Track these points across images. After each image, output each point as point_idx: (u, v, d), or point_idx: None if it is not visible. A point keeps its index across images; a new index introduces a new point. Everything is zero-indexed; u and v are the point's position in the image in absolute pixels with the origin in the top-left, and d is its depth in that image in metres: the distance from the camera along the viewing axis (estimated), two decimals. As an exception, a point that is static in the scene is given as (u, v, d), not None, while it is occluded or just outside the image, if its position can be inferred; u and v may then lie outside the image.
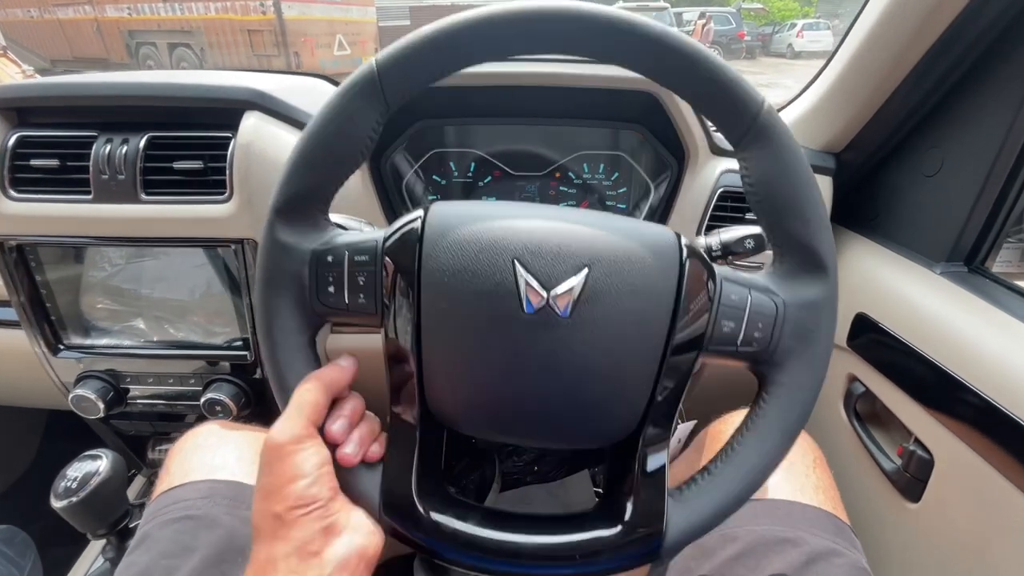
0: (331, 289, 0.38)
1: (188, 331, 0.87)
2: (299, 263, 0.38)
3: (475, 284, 0.35)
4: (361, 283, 0.38)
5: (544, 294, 0.35)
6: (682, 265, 0.36)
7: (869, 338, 0.71)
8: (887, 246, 0.74)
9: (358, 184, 0.80)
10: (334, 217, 0.53)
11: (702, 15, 13.16)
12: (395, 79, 0.37)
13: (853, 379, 0.75)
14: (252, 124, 0.77)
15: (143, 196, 0.76)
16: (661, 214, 0.82)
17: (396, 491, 0.38)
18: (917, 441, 0.63)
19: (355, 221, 0.55)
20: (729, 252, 0.54)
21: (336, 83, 1.06)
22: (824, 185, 0.79)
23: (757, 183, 0.37)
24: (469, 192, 0.89)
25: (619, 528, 0.37)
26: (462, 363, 0.37)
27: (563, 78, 0.75)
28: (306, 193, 0.38)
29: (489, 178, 0.88)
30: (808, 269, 0.38)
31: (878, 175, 0.79)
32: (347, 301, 0.38)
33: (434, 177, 0.89)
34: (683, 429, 0.75)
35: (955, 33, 0.60)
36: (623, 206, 0.88)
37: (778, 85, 11.17)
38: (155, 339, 0.87)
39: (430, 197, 0.89)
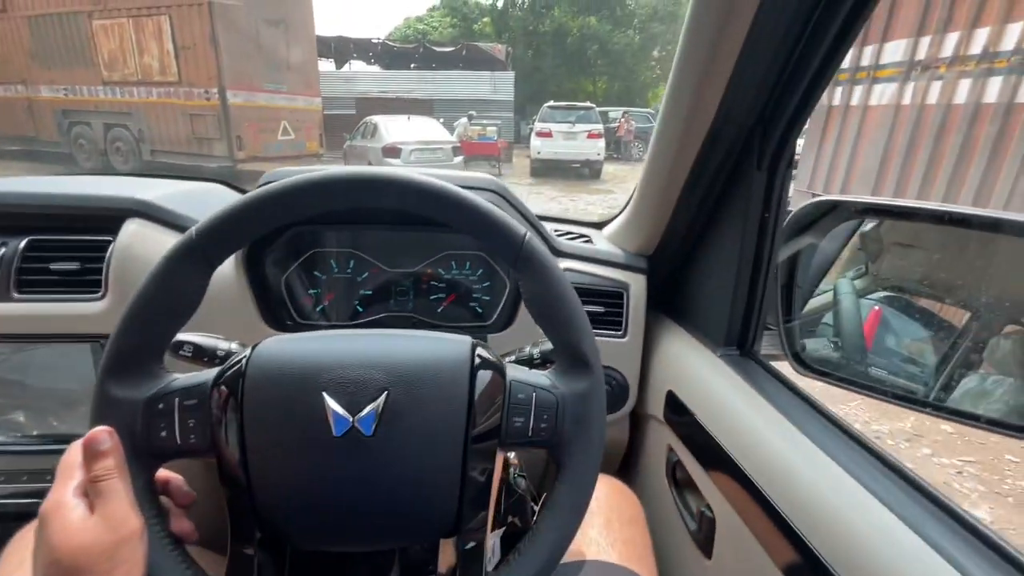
0: (163, 434, 0.42)
1: (75, 423, 0.86)
2: (130, 415, 0.41)
3: (291, 415, 0.41)
4: (191, 425, 0.42)
5: (350, 418, 0.41)
6: (472, 373, 0.44)
7: (675, 413, 0.83)
8: (690, 331, 0.89)
9: (232, 286, 0.86)
10: (190, 336, 0.57)
11: (624, 114, 14.91)
12: (214, 244, 0.43)
13: (670, 449, 0.86)
14: (133, 230, 0.84)
15: (15, 295, 0.80)
16: (514, 305, 0.94)
17: None
18: (707, 504, 0.73)
19: (211, 339, 0.59)
20: (547, 360, 0.61)
21: (235, 187, 1.15)
22: (639, 281, 0.95)
23: (531, 300, 0.47)
24: (350, 287, 0.97)
25: None
26: (286, 483, 0.43)
27: None
28: (137, 348, 0.42)
29: (367, 273, 0.97)
30: (577, 367, 0.47)
31: (683, 271, 0.95)
32: (179, 442, 0.42)
33: (315, 273, 0.95)
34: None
35: (704, 156, 0.73)
36: (488, 298, 0.99)
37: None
38: (35, 433, 0.86)
39: (311, 291, 0.96)
